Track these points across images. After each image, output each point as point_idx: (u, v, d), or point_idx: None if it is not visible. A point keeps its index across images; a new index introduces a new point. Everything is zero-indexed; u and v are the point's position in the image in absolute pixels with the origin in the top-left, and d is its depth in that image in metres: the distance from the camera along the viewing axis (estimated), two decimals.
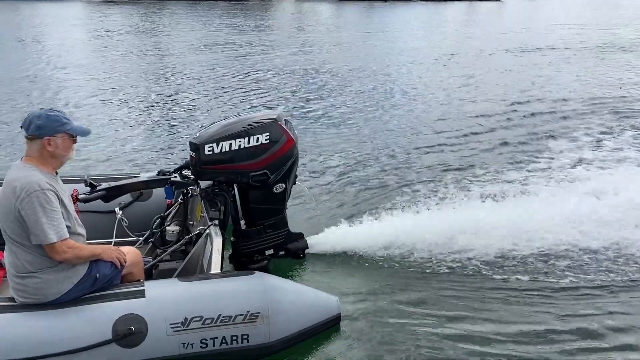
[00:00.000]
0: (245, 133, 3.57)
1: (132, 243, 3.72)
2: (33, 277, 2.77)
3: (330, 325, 3.32)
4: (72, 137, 2.87)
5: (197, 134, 3.65)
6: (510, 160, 6.64)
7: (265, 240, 4.00)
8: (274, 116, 3.73)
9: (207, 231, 3.45)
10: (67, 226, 2.77)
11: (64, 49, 15.19)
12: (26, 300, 2.81)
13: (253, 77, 11.58)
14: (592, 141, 7.28)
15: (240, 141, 3.56)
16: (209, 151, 3.50)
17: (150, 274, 3.49)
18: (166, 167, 4.24)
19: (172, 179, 3.75)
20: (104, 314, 2.82)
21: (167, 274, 3.47)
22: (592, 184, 5.55)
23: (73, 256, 2.79)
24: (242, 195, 3.90)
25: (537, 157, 6.67)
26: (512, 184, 5.78)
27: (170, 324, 2.85)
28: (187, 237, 3.69)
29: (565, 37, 18.72)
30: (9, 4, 29.76)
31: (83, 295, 2.87)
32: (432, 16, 29.65)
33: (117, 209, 3.87)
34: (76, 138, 2.90)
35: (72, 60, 13.42)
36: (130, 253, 3.17)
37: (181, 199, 3.90)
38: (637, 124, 8.16)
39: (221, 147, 3.52)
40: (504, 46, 16.56)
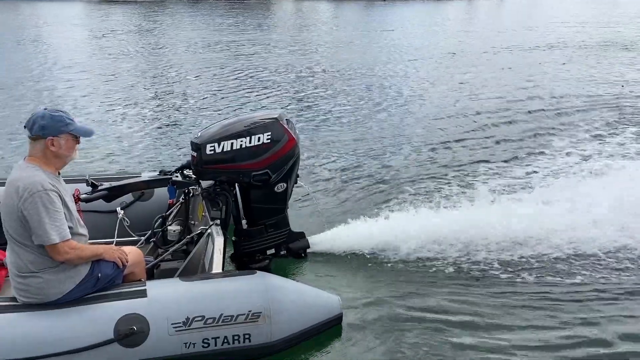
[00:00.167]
0: (247, 132, 3.58)
1: (133, 243, 3.72)
2: (35, 277, 2.77)
3: (332, 325, 3.32)
4: (76, 138, 2.87)
5: (199, 134, 3.65)
6: (513, 158, 6.63)
7: (266, 240, 4.00)
8: (275, 115, 3.73)
9: (209, 231, 3.44)
10: (69, 227, 2.78)
11: (65, 49, 15.20)
12: (28, 300, 2.81)
13: (254, 76, 11.58)
14: (593, 141, 7.25)
15: (241, 141, 3.56)
16: (210, 151, 3.50)
17: (151, 273, 3.49)
18: (168, 167, 4.24)
19: (173, 178, 3.75)
20: (105, 313, 2.82)
21: (168, 274, 3.48)
22: (595, 184, 5.50)
23: (75, 257, 2.79)
24: (244, 194, 3.90)
25: (539, 157, 6.64)
26: (515, 182, 5.77)
27: (172, 324, 2.85)
28: (188, 236, 3.68)
29: (566, 35, 18.69)
30: (9, 4, 29.79)
31: (85, 295, 2.87)
32: (431, 14, 29.64)
33: (118, 209, 3.86)
34: (79, 138, 2.90)
35: (73, 60, 13.41)
36: (132, 253, 3.17)
37: (183, 198, 3.89)
38: None
39: (222, 147, 3.52)
40: (503, 44, 16.54)
